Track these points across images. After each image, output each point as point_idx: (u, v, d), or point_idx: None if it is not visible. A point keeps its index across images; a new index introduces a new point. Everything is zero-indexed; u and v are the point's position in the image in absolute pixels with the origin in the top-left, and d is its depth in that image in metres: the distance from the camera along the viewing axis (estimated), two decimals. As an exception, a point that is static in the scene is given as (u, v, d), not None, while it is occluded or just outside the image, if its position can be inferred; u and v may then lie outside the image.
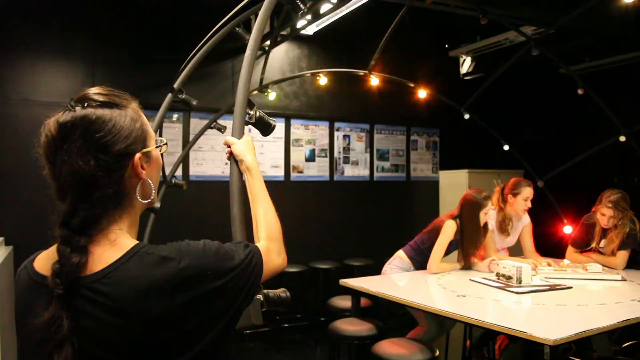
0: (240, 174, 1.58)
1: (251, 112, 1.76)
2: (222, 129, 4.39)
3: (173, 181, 4.17)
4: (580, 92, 4.65)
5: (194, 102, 3.37)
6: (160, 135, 4.26)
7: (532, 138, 6.15)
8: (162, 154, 1.22)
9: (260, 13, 1.91)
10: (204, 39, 3.06)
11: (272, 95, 5.68)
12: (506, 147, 5.51)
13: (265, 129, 1.83)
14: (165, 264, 1.00)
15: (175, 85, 3.22)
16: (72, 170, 1.01)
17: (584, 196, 4.36)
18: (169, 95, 3.22)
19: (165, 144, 1.22)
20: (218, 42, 3.11)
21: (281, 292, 1.47)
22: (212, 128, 4.53)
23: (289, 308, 1.50)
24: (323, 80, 5.36)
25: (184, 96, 3.28)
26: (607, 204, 3.92)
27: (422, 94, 5.38)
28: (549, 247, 4.99)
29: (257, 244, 1.29)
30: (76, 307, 0.96)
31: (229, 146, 1.60)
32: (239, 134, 1.66)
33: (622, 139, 4.57)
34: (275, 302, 1.44)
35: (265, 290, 1.41)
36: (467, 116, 5.40)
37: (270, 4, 1.95)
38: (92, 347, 0.96)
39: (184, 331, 1.00)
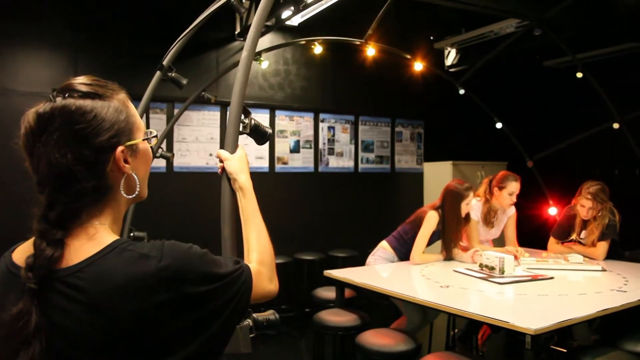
0: (233, 192, 1.51)
1: (246, 121, 1.64)
2: (211, 99, 4.31)
3: (159, 152, 4.08)
4: (579, 75, 4.67)
5: (184, 82, 3.24)
6: (147, 120, 4.18)
7: (517, 130, 6.19)
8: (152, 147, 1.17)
9: (258, 11, 1.77)
10: (199, 19, 2.92)
11: (264, 64, 5.62)
12: (499, 125, 5.54)
13: (261, 137, 1.71)
14: (144, 261, 0.96)
15: (165, 62, 3.04)
16: (49, 164, 0.98)
17: (569, 183, 4.42)
18: (158, 73, 3.06)
19: (155, 136, 1.18)
20: (204, 31, 3.03)
21: (270, 314, 1.42)
22: (200, 97, 4.42)
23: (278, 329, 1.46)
24: (318, 50, 5.30)
25: (173, 74, 3.13)
26: (586, 195, 3.98)
27: (418, 66, 5.40)
28: (533, 229, 5.06)
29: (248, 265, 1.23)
30: (49, 302, 0.93)
31: (221, 160, 1.53)
32: (233, 147, 1.56)
33: (616, 126, 4.62)
34: (264, 326, 1.40)
35: (254, 315, 1.37)
36: (462, 91, 5.43)
37: (269, 2, 1.80)
38: (64, 344, 0.93)
39: (162, 335, 0.96)
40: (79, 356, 0.93)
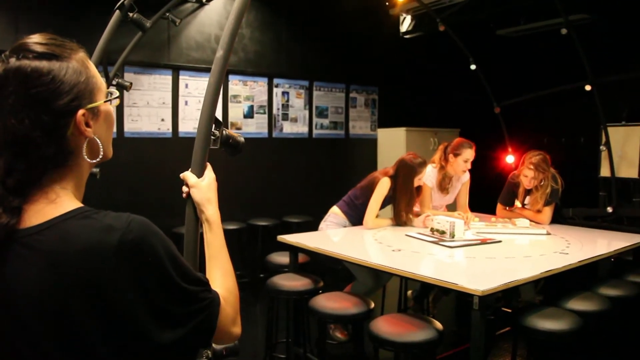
0: (197, 219, 1.39)
1: (216, 133, 1.46)
2: (176, 22, 4.09)
3: (116, 81, 3.84)
4: (563, 32, 4.70)
5: (148, 24, 2.98)
6: (106, 72, 3.91)
7: (471, 97, 6.26)
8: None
9: (234, 9, 1.56)
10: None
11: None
12: (473, 67, 5.54)
13: (234, 149, 1.54)
14: (107, 232, 0.91)
15: (126, 1, 2.69)
16: (5, 129, 0.93)
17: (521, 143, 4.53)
18: (117, 13, 2.69)
19: (117, 97, 1.11)
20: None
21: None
22: (164, 19, 4.15)
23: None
24: None
25: (135, 15, 2.83)
26: (528, 165, 4.10)
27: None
28: (491, 179, 5.18)
29: None
30: (4, 265, 0.91)
31: (187, 184, 1.40)
32: (200, 168, 1.40)
33: (588, 88, 4.69)
34: (224, 355, 1.34)
35: (213, 345, 1.31)
36: (441, 28, 5.40)
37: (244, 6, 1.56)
38: (18, 310, 0.90)
39: (121, 315, 0.91)
40: (34, 323, 0.90)
